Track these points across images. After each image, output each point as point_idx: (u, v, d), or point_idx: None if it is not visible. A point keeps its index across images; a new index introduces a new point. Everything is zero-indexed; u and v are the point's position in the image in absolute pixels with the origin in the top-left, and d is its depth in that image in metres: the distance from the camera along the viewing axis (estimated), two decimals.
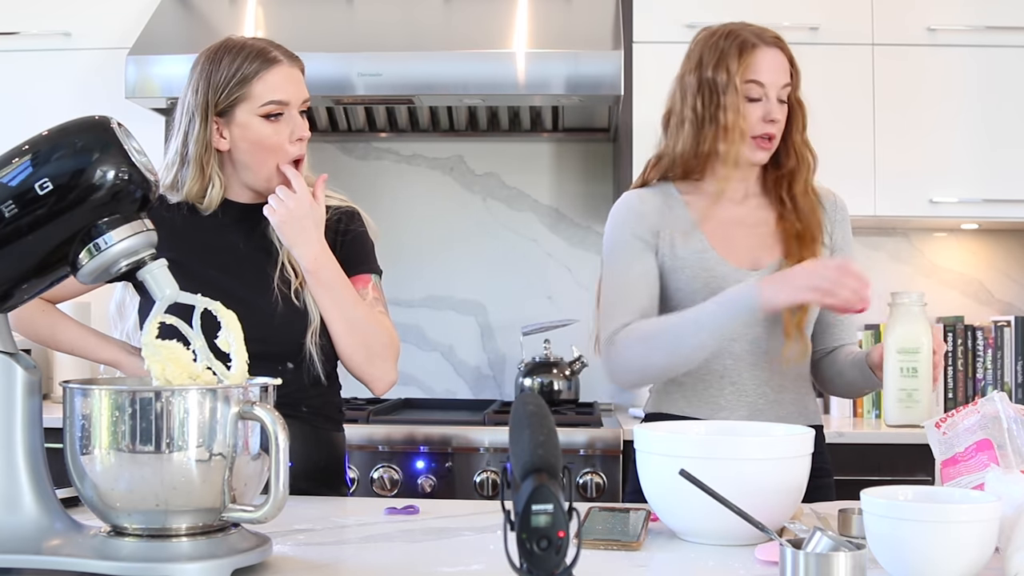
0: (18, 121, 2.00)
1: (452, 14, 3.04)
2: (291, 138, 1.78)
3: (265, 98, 1.76)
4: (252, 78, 1.76)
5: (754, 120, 1.83)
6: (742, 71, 1.82)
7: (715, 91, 1.84)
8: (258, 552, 1.22)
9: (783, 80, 1.85)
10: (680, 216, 1.90)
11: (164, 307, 1.28)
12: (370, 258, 1.90)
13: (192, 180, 1.79)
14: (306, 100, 1.82)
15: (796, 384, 1.91)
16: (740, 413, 1.85)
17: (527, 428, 0.99)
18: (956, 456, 1.42)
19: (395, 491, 2.67)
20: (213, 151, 1.79)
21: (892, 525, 1.15)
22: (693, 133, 1.87)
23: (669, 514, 1.42)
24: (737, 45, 1.84)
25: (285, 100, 1.77)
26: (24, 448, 1.24)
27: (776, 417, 1.85)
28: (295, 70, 1.81)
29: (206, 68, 1.78)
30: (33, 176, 1.19)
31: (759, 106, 1.84)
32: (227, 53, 1.78)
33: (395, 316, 2.00)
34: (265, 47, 1.80)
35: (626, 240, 1.89)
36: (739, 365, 1.86)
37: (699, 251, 1.87)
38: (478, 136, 3.43)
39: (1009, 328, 3.15)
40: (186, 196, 1.81)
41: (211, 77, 1.77)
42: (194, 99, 1.78)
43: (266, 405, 1.19)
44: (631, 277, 1.87)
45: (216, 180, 1.80)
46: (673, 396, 1.90)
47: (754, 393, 1.87)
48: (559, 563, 0.93)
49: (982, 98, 3.02)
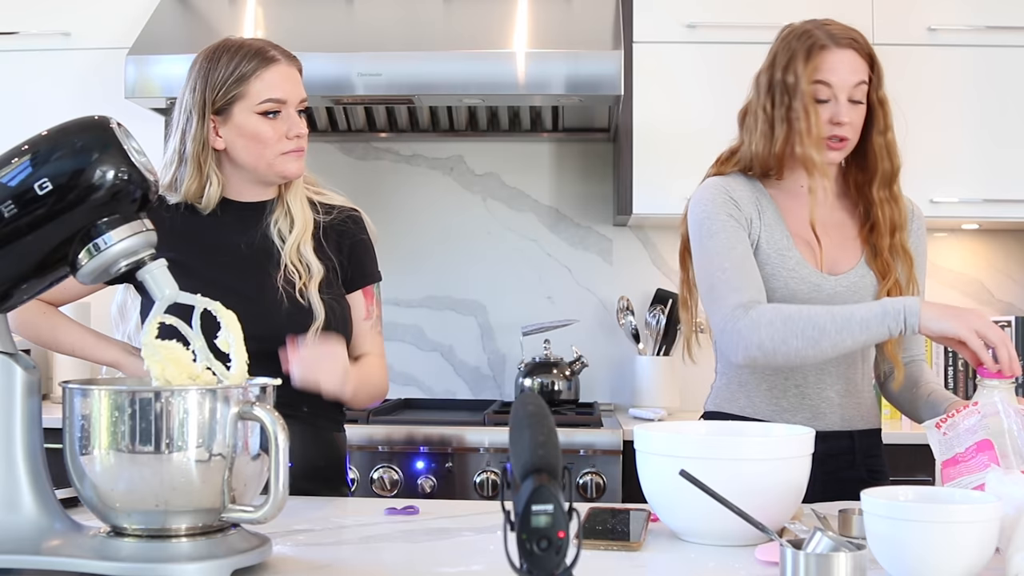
0: (18, 121, 2.00)
1: (452, 14, 3.04)
2: (288, 134, 1.79)
3: (263, 96, 1.77)
4: (250, 76, 1.77)
5: (822, 122, 1.81)
6: (809, 73, 1.80)
7: (785, 92, 1.83)
8: (258, 552, 1.21)
9: (854, 80, 1.81)
10: (768, 209, 1.88)
11: (164, 307, 1.28)
12: (374, 266, 1.93)
13: (190, 179, 1.80)
14: (303, 100, 1.83)
15: (858, 388, 1.91)
16: (801, 416, 1.86)
17: (527, 428, 0.99)
18: (956, 456, 1.42)
19: (395, 491, 2.67)
20: (210, 150, 1.80)
21: (892, 525, 1.15)
22: (766, 133, 1.86)
23: (669, 514, 1.42)
24: (807, 47, 1.82)
25: (282, 98, 1.79)
26: (24, 448, 1.24)
27: (839, 420, 1.87)
28: (293, 69, 1.82)
29: (204, 67, 1.79)
30: (33, 176, 1.19)
31: (827, 108, 1.81)
32: (225, 52, 1.79)
33: (395, 316, 2.01)
34: (263, 47, 1.81)
35: (723, 220, 1.83)
36: (804, 368, 1.86)
37: (782, 249, 1.85)
38: (478, 136, 3.43)
39: (1009, 328, 3.15)
40: (184, 195, 1.82)
41: (209, 76, 1.78)
42: (191, 98, 1.79)
43: (266, 405, 1.19)
44: (739, 255, 1.82)
45: (214, 178, 1.81)
46: (736, 395, 1.91)
47: (817, 397, 1.87)
48: (559, 563, 0.93)
49: (982, 98, 3.02)
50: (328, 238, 1.86)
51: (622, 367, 3.39)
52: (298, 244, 1.81)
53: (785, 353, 1.72)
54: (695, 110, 3.02)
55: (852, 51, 1.83)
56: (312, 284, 1.80)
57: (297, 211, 1.84)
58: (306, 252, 1.82)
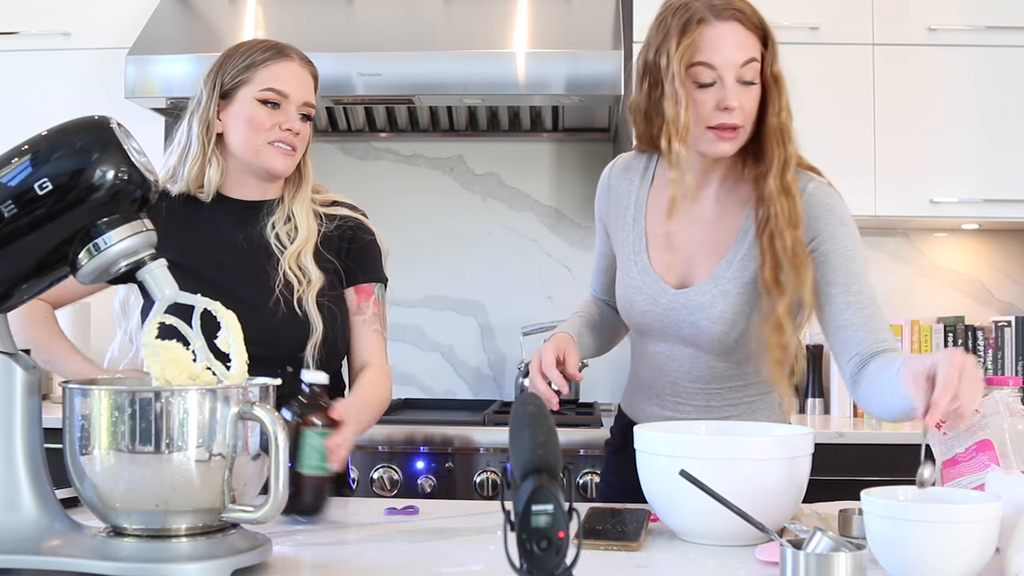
0: (18, 121, 2.00)
1: (452, 14, 3.04)
2: (282, 126, 1.79)
3: (266, 84, 1.79)
4: (259, 64, 1.80)
5: (707, 110, 1.56)
6: (685, 53, 1.55)
7: (657, 77, 1.58)
8: (258, 552, 1.22)
9: (743, 57, 1.56)
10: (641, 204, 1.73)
11: (164, 307, 1.28)
12: (376, 266, 1.90)
13: (192, 160, 1.81)
14: (307, 103, 1.83)
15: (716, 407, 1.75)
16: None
17: (527, 428, 0.99)
18: (957, 456, 1.42)
19: (395, 491, 2.67)
20: (214, 132, 1.81)
21: (892, 525, 1.15)
22: (644, 123, 1.65)
23: (669, 514, 1.42)
24: (682, 22, 1.56)
25: (284, 91, 1.80)
26: (24, 448, 1.24)
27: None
28: (305, 72, 1.84)
29: (222, 57, 1.83)
30: (33, 176, 1.19)
31: (711, 92, 1.56)
32: (246, 45, 1.84)
33: (395, 316, 2.01)
34: (283, 45, 1.85)
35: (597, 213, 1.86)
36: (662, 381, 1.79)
37: (631, 253, 1.74)
38: (478, 136, 3.43)
39: (1009, 328, 3.15)
40: (187, 180, 1.82)
41: (224, 63, 1.82)
42: (205, 81, 1.82)
43: (266, 405, 1.19)
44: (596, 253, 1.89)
45: (215, 161, 1.82)
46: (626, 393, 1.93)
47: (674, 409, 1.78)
48: (559, 563, 0.93)
49: (982, 98, 3.02)
50: (330, 244, 1.85)
51: (622, 367, 3.38)
52: (299, 253, 1.80)
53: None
54: None
55: (736, 23, 1.57)
56: (310, 293, 1.78)
57: (301, 220, 1.83)
58: (306, 262, 1.80)
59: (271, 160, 1.80)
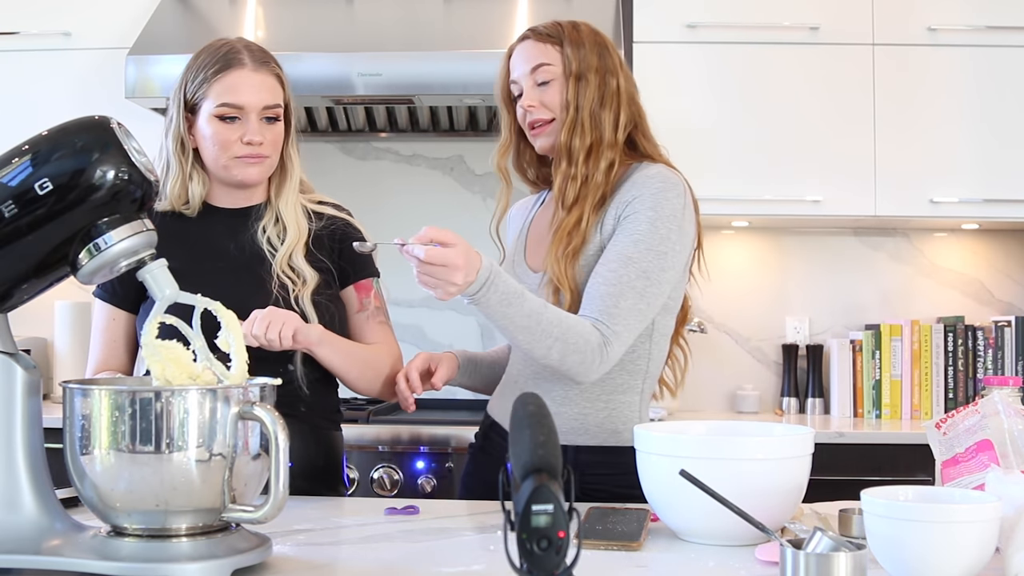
0: (18, 121, 2.00)
1: (452, 14, 3.04)
2: (243, 139, 1.77)
3: (220, 99, 1.76)
4: (211, 79, 1.76)
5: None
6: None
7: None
8: (258, 552, 1.22)
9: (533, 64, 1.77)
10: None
11: (164, 307, 1.28)
12: (369, 262, 1.91)
13: (173, 179, 1.80)
14: (268, 107, 1.78)
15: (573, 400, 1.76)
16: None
17: (527, 428, 0.99)
18: (956, 456, 1.42)
19: (395, 491, 2.67)
20: (189, 148, 1.80)
21: (892, 525, 1.15)
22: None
23: (669, 514, 1.42)
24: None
25: (238, 104, 1.76)
26: (24, 448, 1.24)
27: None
28: (260, 75, 1.78)
29: (189, 65, 1.80)
30: (33, 176, 1.19)
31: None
32: (206, 51, 1.80)
33: (395, 316, 2.00)
34: (234, 49, 1.79)
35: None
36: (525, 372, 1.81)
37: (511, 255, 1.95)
38: (478, 136, 3.42)
39: (1009, 328, 3.15)
40: (170, 198, 1.81)
41: (185, 76, 1.79)
42: (173, 98, 1.80)
43: (266, 405, 1.19)
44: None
45: (195, 176, 1.81)
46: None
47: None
48: (559, 563, 0.93)
49: (982, 98, 3.02)
50: (320, 243, 1.85)
51: None
52: (290, 253, 1.80)
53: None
54: (695, 110, 3.02)
55: (528, 41, 1.78)
56: (306, 292, 1.78)
57: (290, 219, 1.82)
58: (298, 261, 1.80)
59: (241, 173, 1.79)
